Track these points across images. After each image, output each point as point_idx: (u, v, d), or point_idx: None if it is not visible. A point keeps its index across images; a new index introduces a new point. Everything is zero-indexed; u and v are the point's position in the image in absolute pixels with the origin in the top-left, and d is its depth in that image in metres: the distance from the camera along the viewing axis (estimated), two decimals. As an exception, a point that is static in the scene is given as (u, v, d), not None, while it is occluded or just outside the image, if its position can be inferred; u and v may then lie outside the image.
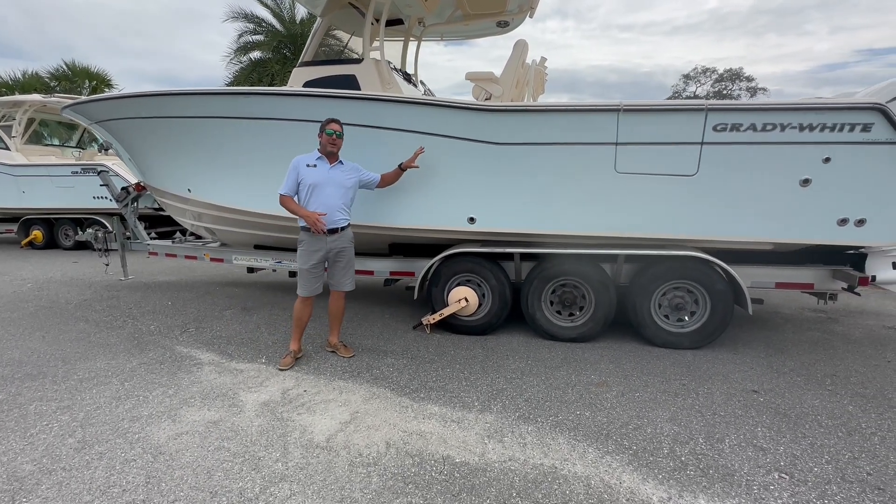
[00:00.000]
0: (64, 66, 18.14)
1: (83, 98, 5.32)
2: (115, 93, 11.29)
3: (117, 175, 7.84)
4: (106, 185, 6.33)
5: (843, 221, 3.18)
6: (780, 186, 3.21)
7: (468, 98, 4.61)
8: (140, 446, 2.33)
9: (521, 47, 4.53)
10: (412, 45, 5.56)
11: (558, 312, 3.88)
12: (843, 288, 3.61)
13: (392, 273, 4.37)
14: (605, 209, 3.50)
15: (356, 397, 2.87)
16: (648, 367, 3.29)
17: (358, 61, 4.39)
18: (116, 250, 6.28)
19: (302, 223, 3.29)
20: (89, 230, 6.50)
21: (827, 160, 3.09)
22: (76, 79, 18.17)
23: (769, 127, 3.11)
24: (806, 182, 3.15)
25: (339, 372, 3.26)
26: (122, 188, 6.12)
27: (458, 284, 3.99)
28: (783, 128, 3.09)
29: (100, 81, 18.65)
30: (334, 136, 3.24)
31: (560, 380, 3.10)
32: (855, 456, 2.23)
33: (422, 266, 4.09)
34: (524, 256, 3.89)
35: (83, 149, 10.99)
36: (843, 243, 3.32)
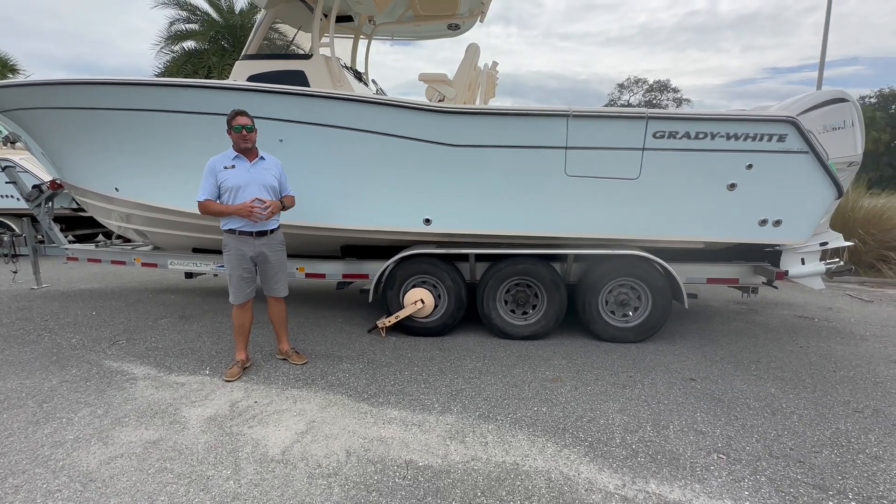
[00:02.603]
0: (-45, 47, 15.90)
1: (-17, 84, 4.69)
2: (25, 79, 10.12)
3: (26, 171, 7.01)
4: (13, 182, 5.63)
5: (763, 222, 3.53)
6: (711, 190, 3.49)
7: (420, 99, 4.60)
8: (66, 474, 2.09)
9: (473, 51, 4.59)
10: (362, 44, 5.46)
11: (512, 311, 3.97)
12: (762, 282, 4.00)
13: (345, 276, 4.26)
14: (556, 210, 3.63)
15: (311, 406, 2.76)
16: (598, 361, 3.46)
17: (306, 57, 4.23)
18: (26, 255, 5.61)
19: (225, 226, 3.08)
20: (-8, 233, 5.75)
21: (749, 167, 3.40)
22: (-29, 62, 16.01)
23: (701, 135, 3.37)
24: (732, 186, 3.46)
25: (291, 380, 3.12)
26: (34, 186, 5.49)
27: (414, 286, 3.96)
28: (713, 136, 3.37)
29: (1, 66, 16.55)
30: (244, 132, 2.98)
31: (517, 377, 3.17)
32: (779, 434, 2.47)
33: (376, 268, 4.02)
34: (479, 257, 3.94)
35: (-19, 141, 9.70)
36: (763, 242, 3.68)
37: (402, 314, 3.87)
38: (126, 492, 1.98)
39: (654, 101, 33.32)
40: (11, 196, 7.39)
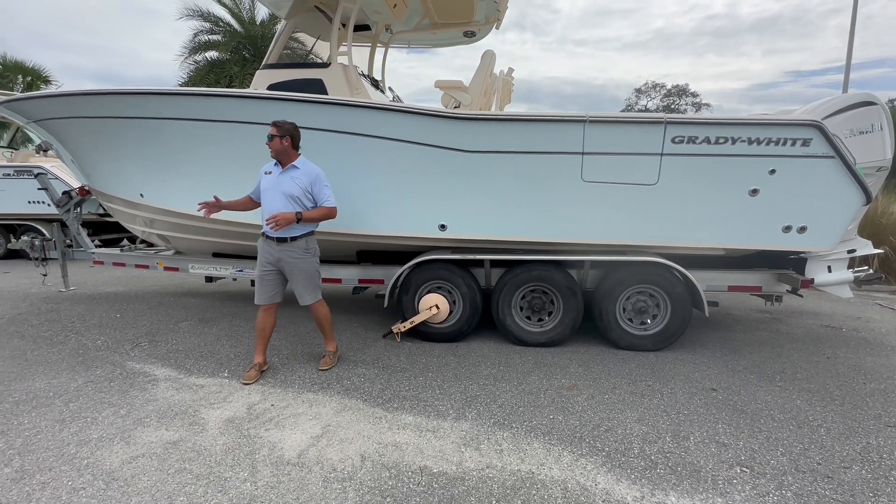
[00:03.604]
0: (-7, 60, 16.69)
1: (19, 95, 4.92)
2: (56, 90, 10.53)
3: (57, 178, 7.27)
4: (45, 188, 5.85)
5: (787, 229, 3.43)
6: (732, 196, 3.42)
7: (436, 105, 4.64)
8: (90, 473, 2.14)
9: (489, 57, 4.62)
10: (379, 52, 5.54)
11: (528, 318, 3.94)
12: (787, 290, 3.89)
13: (361, 281, 4.29)
14: (572, 216, 3.60)
15: (327, 410, 2.78)
16: (615, 370, 3.40)
17: (325, 65, 4.31)
18: (55, 259, 5.80)
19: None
20: (24, 237, 5.98)
21: (772, 172, 3.32)
22: (8, 73, 16.74)
23: (721, 140, 3.31)
24: (754, 192, 3.38)
25: (307, 384, 3.15)
26: (64, 192, 5.68)
27: (429, 291, 3.96)
28: (734, 141, 3.30)
29: (35, 77, 17.26)
30: (266, 142, 3.13)
31: (532, 385, 3.14)
32: (806, 447, 2.39)
33: (392, 273, 4.04)
34: (494, 263, 3.92)
35: (16, 149, 10.12)
36: (787, 249, 3.58)
37: (417, 319, 3.88)
38: (147, 491, 2.02)
39: (673, 106, 32.88)
40: (43, 202, 7.68)
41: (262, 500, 1.97)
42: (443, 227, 3.75)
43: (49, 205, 6.55)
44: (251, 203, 3.38)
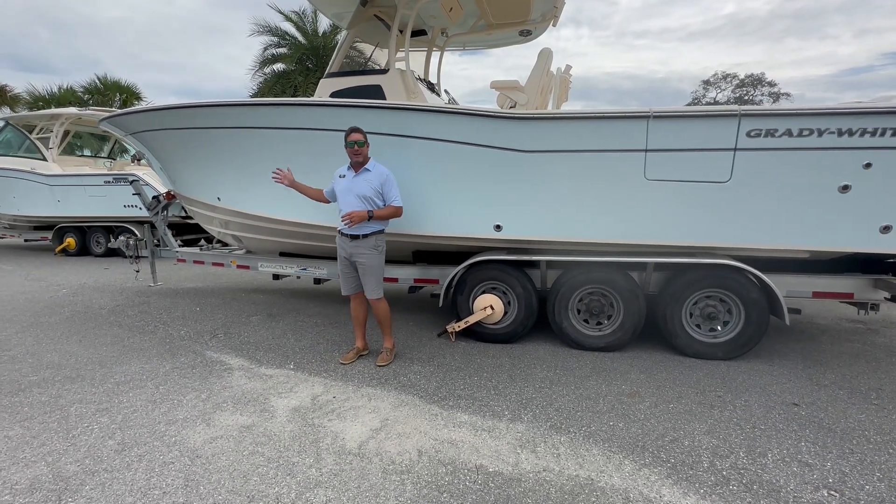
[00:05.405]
0: (97, 81, 18.91)
1: (119, 111, 5.54)
2: (149, 105, 11.69)
3: (148, 184, 8.09)
4: (138, 193, 6.53)
5: (887, 229, 3.07)
6: (818, 193, 3.12)
7: (492, 106, 4.64)
8: (177, 449, 2.37)
9: (545, 55, 4.55)
10: (434, 55, 5.63)
11: (586, 321, 3.83)
12: (885, 298, 3.48)
13: (416, 280, 4.38)
14: (633, 217, 3.45)
15: (385, 404, 2.87)
16: (681, 378, 3.22)
17: (383, 72, 4.46)
18: (146, 257, 6.45)
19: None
20: (121, 237, 6.71)
21: (868, 165, 2.99)
22: (108, 92, 18.90)
23: (806, 132, 3.03)
24: (845, 188, 3.06)
25: (367, 379, 3.27)
26: (153, 197, 6.31)
27: (484, 292, 3.97)
28: (821, 133, 3.01)
29: (129, 94, 19.38)
30: (355, 147, 3.31)
31: (590, 389, 3.05)
32: (909, 474, 2.13)
33: (447, 273, 4.09)
34: (550, 264, 3.86)
35: (114, 159, 11.39)
36: (885, 251, 3.20)
37: (471, 320, 3.90)
38: (225, 469, 2.20)
39: (747, 98, 30.39)
40: (135, 206, 8.58)
41: (326, 486, 2.08)
42: (498, 227, 3.74)
43: (141, 208, 7.30)
44: (320, 196, 3.61)
